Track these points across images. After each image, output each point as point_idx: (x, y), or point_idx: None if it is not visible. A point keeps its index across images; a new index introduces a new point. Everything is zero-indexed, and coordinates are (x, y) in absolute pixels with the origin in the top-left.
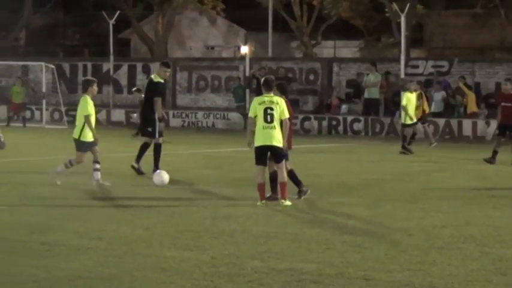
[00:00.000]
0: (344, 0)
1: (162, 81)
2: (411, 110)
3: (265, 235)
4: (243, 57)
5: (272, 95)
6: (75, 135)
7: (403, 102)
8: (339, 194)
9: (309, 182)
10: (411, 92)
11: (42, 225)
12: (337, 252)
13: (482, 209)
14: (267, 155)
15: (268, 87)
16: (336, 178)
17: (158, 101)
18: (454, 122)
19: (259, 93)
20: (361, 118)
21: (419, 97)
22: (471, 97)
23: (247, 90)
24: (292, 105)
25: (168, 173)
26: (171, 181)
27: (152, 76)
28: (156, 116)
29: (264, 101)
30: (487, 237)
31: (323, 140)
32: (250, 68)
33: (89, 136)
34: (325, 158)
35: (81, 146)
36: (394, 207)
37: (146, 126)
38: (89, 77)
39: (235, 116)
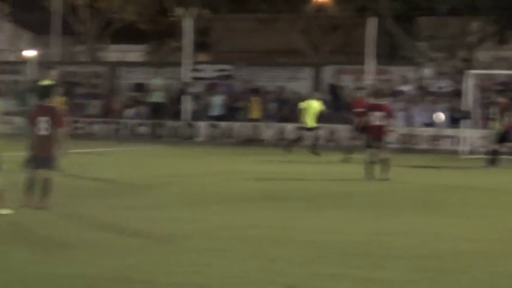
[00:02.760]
0: (131, 4)
1: None
2: None
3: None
4: (28, 61)
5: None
6: None
7: None
8: (121, 196)
9: (92, 186)
10: None
11: None
12: (118, 255)
13: (261, 211)
14: None
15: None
16: (122, 180)
17: None
18: (236, 125)
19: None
20: (147, 122)
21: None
22: (256, 102)
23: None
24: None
25: None
26: None
27: None
28: None
29: None
30: (264, 238)
31: (108, 144)
32: (38, 72)
33: None
34: (111, 161)
35: None
36: (178, 210)
37: None
38: None
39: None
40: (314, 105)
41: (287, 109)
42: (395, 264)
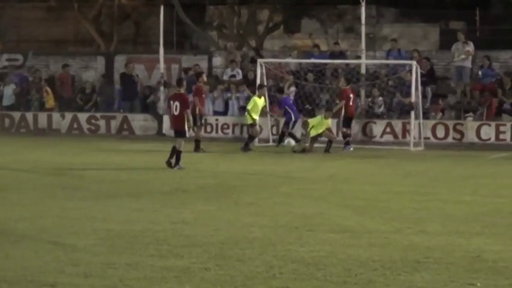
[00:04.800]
0: None
1: None
2: None
3: None
4: None
5: None
6: None
7: None
8: None
9: None
10: None
11: None
12: None
13: (56, 201)
14: None
15: None
16: None
17: None
18: (29, 116)
19: None
20: None
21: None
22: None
23: None
24: None
25: None
26: None
27: None
28: None
29: None
30: (61, 229)
31: None
32: None
33: None
34: None
35: None
36: None
37: None
38: None
39: None
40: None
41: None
42: (191, 252)
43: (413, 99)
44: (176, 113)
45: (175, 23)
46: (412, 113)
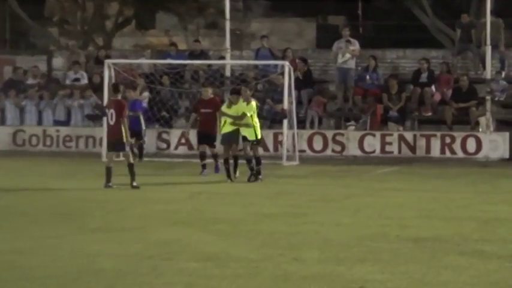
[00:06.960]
0: None
1: None
2: None
3: None
4: None
5: None
6: None
7: None
8: None
9: None
10: None
11: None
12: None
13: None
14: None
15: None
16: None
17: None
18: None
19: None
20: None
21: None
22: None
23: None
24: None
25: None
26: None
27: None
28: None
29: None
30: None
31: None
32: None
33: None
34: None
35: None
36: None
37: None
38: None
39: None
40: None
41: None
42: (24, 287)
43: (286, 106)
44: (112, 123)
45: (8, 18)
46: (285, 122)
